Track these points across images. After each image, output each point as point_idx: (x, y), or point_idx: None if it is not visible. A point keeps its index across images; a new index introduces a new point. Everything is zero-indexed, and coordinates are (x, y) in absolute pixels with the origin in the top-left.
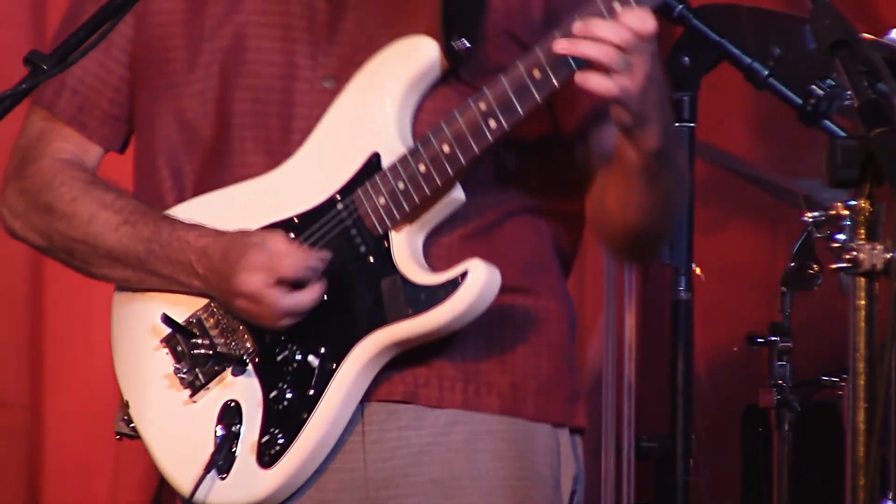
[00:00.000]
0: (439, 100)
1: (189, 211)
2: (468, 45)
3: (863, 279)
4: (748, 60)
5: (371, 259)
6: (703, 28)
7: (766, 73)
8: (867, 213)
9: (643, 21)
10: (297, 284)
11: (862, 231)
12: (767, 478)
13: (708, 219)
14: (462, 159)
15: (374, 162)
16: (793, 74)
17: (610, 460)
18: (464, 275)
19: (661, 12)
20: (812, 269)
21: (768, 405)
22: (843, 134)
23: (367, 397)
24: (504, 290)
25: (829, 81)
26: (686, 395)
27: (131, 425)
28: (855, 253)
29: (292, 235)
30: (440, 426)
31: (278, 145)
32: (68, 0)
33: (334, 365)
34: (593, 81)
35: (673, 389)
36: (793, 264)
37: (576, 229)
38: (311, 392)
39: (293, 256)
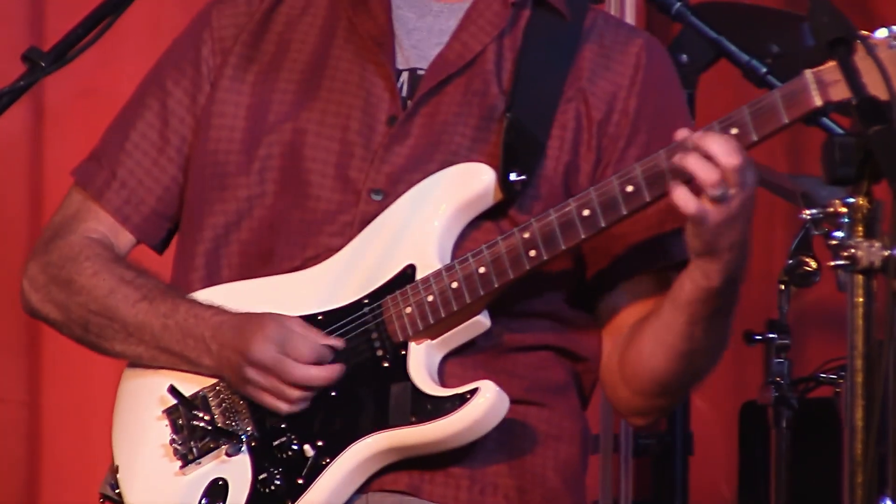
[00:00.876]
0: (485, 230)
1: (211, 294)
2: (524, 178)
3: (860, 276)
4: (746, 58)
5: (386, 364)
6: (701, 25)
7: (765, 70)
8: (865, 211)
9: (730, 154)
10: None
11: (860, 228)
12: (765, 475)
13: None
14: (495, 282)
15: (408, 273)
16: (791, 72)
17: (608, 458)
18: (473, 392)
19: (660, 9)
20: (810, 266)
21: (766, 402)
22: (841, 131)
23: (372, 487)
24: (521, 401)
25: None
26: None
27: (116, 491)
28: (853, 250)
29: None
30: None
31: (316, 251)
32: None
33: (328, 459)
34: (684, 198)
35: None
36: (790, 261)
37: (591, 380)
38: (300, 481)
39: (308, 335)
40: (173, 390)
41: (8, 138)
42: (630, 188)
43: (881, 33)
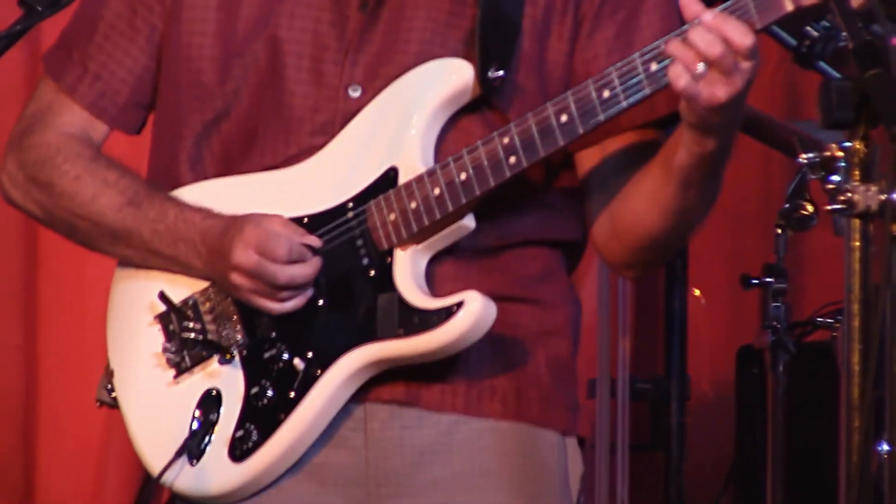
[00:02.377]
0: (465, 125)
1: (198, 194)
2: (502, 73)
3: (857, 221)
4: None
5: (372, 273)
6: None
7: None
8: (862, 155)
9: (742, 35)
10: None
11: (857, 173)
12: (762, 419)
13: None
14: (477, 189)
15: (390, 176)
16: (788, 16)
17: (605, 402)
18: (459, 304)
19: None
20: (806, 210)
21: (763, 346)
22: (838, 75)
23: (370, 397)
24: (510, 298)
25: (824, 23)
26: (681, 337)
27: (112, 394)
28: (850, 194)
29: None
30: (442, 427)
31: (298, 149)
32: None
33: (319, 371)
34: (675, 73)
35: (668, 331)
36: (787, 205)
37: (577, 256)
38: (292, 394)
39: (285, 234)
40: (163, 296)
41: (5, 82)
42: (606, 93)
43: None
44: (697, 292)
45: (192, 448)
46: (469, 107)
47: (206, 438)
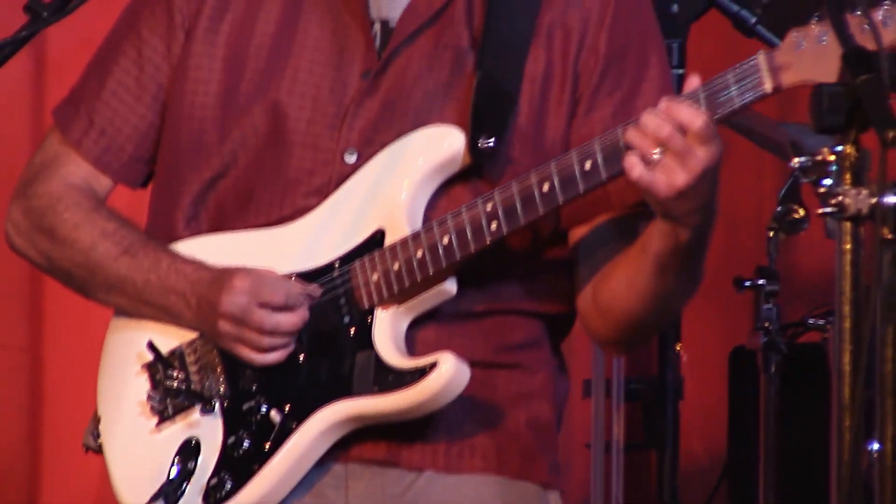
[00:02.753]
0: (455, 193)
1: (192, 248)
2: (493, 143)
3: (849, 224)
4: (736, 8)
5: (352, 330)
6: None
7: (754, 20)
8: (853, 159)
9: (691, 116)
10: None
11: (848, 176)
12: (755, 419)
13: None
14: (458, 254)
15: (377, 238)
16: (780, 21)
17: (600, 402)
18: (433, 365)
19: None
20: (798, 213)
21: (755, 347)
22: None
23: (351, 456)
24: (489, 365)
25: None
26: (675, 338)
27: (98, 440)
28: (841, 198)
29: None
30: (422, 483)
31: (293, 209)
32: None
33: (294, 424)
34: (629, 163)
35: (662, 333)
36: (779, 209)
37: (565, 328)
38: (268, 446)
39: (277, 282)
40: (151, 346)
41: (11, 87)
42: (588, 165)
43: None
44: (684, 356)
45: (169, 494)
46: (461, 175)
47: (183, 485)
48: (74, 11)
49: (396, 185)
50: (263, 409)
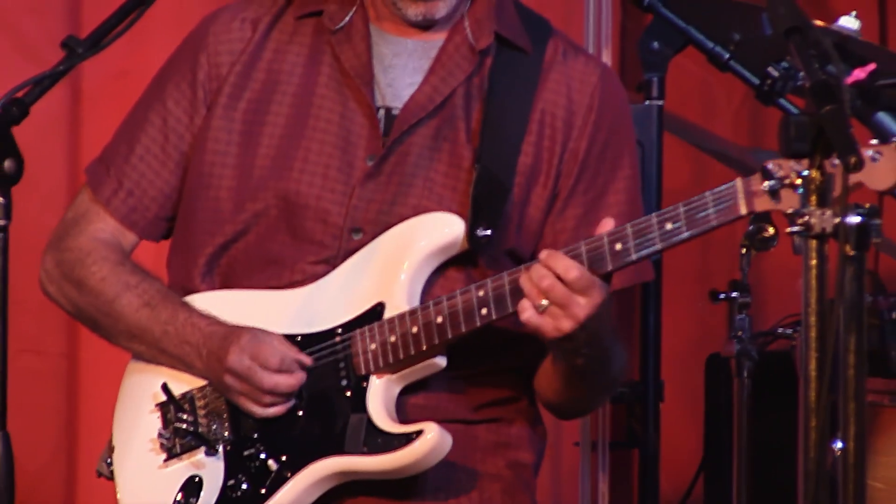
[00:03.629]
0: (451, 274)
1: (209, 302)
2: (489, 233)
3: (814, 241)
4: (711, 45)
5: (348, 393)
6: (671, 16)
7: (728, 56)
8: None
9: (566, 268)
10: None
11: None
12: (729, 419)
13: (675, 186)
14: (449, 333)
15: (377, 310)
16: (751, 57)
17: None
18: (419, 433)
19: (633, 1)
20: (768, 232)
21: (729, 354)
22: (796, 111)
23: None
24: (471, 422)
25: (784, 64)
26: (656, 346)
27: (111, 468)
28: (807, 218)
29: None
30: None
31: (302, 276)
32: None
33: (289, 473)
34: (521, 307)
35: (644, 340)
36: (751, 227)
37: None
38: (263, 491)
39: (278, 347)
40: (165, 388)
41: (48, 119)
42: (511, 287)
43: (847, 20)
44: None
45: None
46: (456, 259)
47: None
48: (107, 48)
49: (399, 262)
50: (262, 456)
